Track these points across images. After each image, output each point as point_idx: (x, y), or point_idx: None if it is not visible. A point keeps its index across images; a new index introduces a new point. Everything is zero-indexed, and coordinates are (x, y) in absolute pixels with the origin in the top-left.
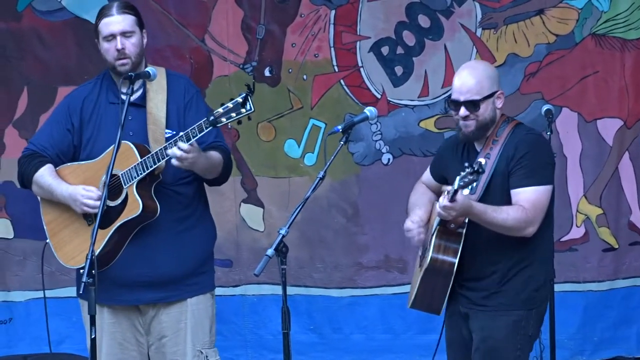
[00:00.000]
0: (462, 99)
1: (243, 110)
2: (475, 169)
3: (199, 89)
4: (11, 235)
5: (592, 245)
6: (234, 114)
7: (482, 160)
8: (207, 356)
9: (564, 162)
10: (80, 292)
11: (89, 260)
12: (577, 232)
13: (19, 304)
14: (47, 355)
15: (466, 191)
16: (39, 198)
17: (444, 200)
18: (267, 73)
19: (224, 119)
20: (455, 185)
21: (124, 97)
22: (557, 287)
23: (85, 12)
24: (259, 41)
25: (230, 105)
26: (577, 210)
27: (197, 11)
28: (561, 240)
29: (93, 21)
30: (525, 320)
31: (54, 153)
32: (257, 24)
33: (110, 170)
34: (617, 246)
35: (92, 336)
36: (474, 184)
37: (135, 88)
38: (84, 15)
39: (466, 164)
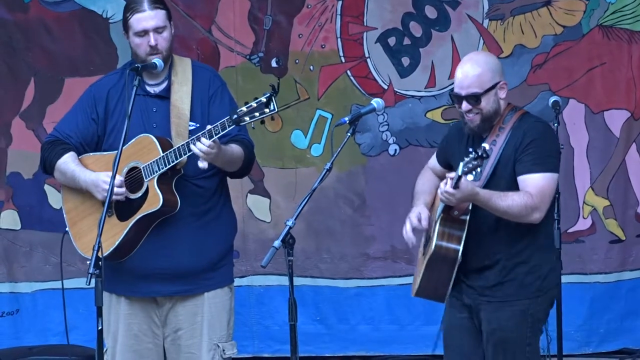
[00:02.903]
0: (463, 93)
1: (267, 110)
2: (480, 154)
3: (224, 81)
4: (18, 227)
5: (599, 237)
6: (257, 114)
7: (486, 145)
8: (223, 349)
9: (571, 154)
10: (88, 283)
11: (95, 252)
12: (583, 224)
13: (25, 295)
14: (54, 346)
15: (470, 177)
16: (46, 189)
17: (445, 186)
18: (274, 64)
19: (247, 118)
20: (459, 172)
21: (150, 88)
22: (564, 279)
23: (91, 3)
24: (266, 32)
25: (254, 104)
26: (584, 202)
27: (203, 2)
28: (568, 231)
29: (99, 12)
30: (532, 308)
31: (77, 141)
32: (264, 14)
33: (116, 163)
34: (624, 238)
35: (99, 327)
36: (478, 169)
37: (160, 80)
38: (90, 6)
39: (470, 149)
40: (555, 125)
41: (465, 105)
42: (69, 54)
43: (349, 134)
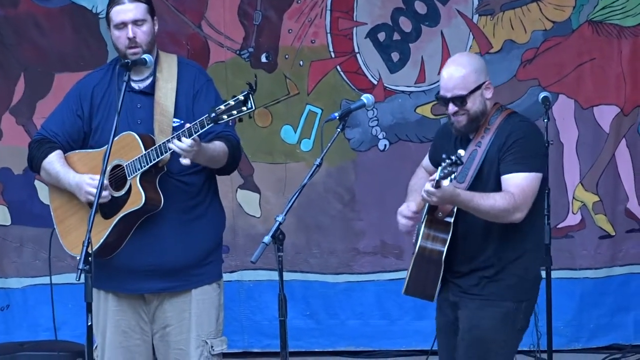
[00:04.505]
0: (449, 95)
1: (244, 108)
2: (454, 160)
3: (210, 77)
4: (8, 222)
5: (589, 232)
6: (235, 112)
7: (461, 151)
8: (212, 346)
9: (561, 149)
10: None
11: (84, 247)
12: (573, 219)
13: (16, 290)
14: (44, 342)
15: (446, 182)
16: (37, 184)
17: (427, 186)
18: (263, 59)
19: (225, 116)
20: (437, 176)
21: (135, 84)
22: (553, 274)
23: None
24: (256, 27)
25: (231, 102)
26: (574, 197)
27: None
28: (557, 227)
29: (89, 7)
30: (514, 314)
31: (64, 139)
32: (253, 10)
33: (106, 159)
34: (613, 233)
35: (89, 323)
36: (453, 176)
37: (145, 76)
38: (80, 1)
39: (444, 156)
40: (545, 120)
41: (451, 107)
42: (59, 49)
43: (338, 130)
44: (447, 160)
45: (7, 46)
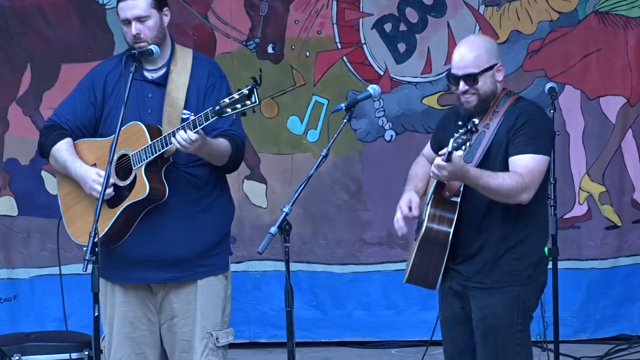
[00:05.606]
0: (460, 73)
1: (248, 102)
2: (469, 127)
3: (224, 74)
4: (15, 213)
5: (595, 223)
6: (239, 105)
7: (475, 120)
8: (217, 338)
9: (567, 140)
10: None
11: (91, 238)
12: (579, 210)
13: (23, 281)
14: (52, 332)
15: (460, 152)
16: (43, 175)
17: (438, 159)
18: (270, 50)
19: (229, 110)
20: (450, 147)
21: (148, 74)
22: (560, 265)
23: None
24: (262, 18)
25: (236, 96)
26: (580, 188)
27: None
28: (564, 217)
29: None
30: (523, 295)
31: (75, 125)
32: (260, 0)
33: (113, 149)
34: (620, 224)
35: (96, 314)
36: (468, 144)
37: (158, 66)
38: None
39: (459, 123)
40: (552, 111)
41: (462, 86)
42: (66, 40)
43: (345, 121)
44: (462, 129)
45: (13, 36)
